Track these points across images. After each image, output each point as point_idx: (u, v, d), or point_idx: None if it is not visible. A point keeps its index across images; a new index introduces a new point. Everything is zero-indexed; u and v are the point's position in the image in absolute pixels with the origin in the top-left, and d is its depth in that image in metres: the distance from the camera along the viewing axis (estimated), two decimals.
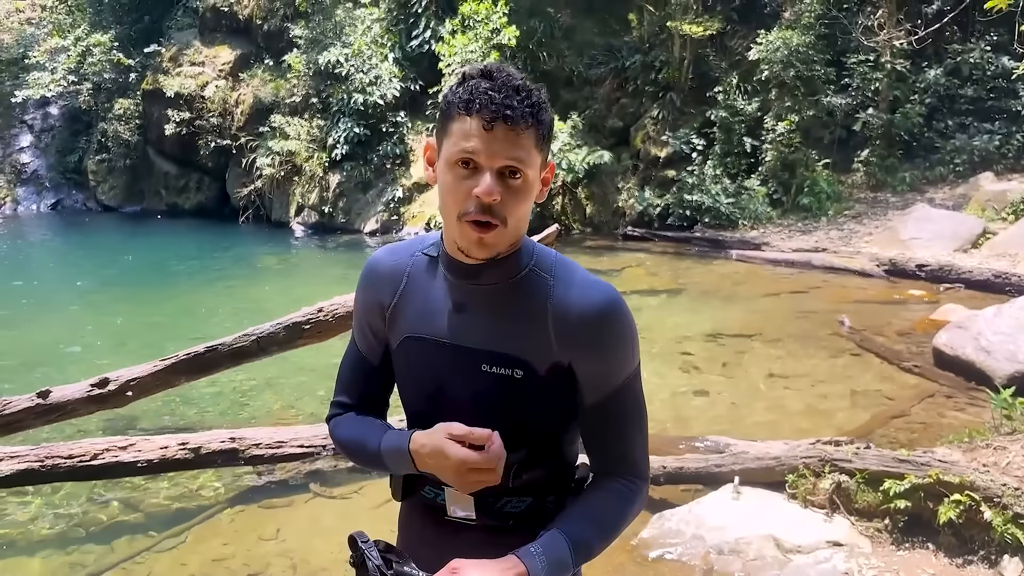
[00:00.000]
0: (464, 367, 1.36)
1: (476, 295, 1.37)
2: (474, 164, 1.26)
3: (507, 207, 1.27)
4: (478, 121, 1.24)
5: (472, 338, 1.36)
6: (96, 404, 4.81)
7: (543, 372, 1.34)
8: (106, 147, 19.47)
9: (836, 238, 12.19)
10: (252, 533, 4.26)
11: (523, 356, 1.33)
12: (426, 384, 1.41)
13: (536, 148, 1.28)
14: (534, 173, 1.30)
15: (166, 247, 14.92)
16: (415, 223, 15.92)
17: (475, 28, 15.11)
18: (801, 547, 3.67)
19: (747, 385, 6.48)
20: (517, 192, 1.27)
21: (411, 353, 1.43)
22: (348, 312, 5.11)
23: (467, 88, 1.27)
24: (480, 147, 1.24)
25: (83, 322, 9.36)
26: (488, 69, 1.29)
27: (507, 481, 1.35)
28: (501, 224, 1.28)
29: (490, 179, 1.24)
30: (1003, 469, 3.77)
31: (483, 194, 1.24)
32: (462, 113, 1.26)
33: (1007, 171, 12.92)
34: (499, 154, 1.24)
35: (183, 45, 18.95)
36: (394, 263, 1.48)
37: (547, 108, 1.30)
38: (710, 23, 14.68)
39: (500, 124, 1.23)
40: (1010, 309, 6.44)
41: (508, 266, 1.36)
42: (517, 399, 1.34)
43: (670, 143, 14.74)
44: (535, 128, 1.27)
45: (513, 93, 1.25)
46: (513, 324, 1.35)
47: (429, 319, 1.40)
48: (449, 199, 1.29)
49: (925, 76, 13.94)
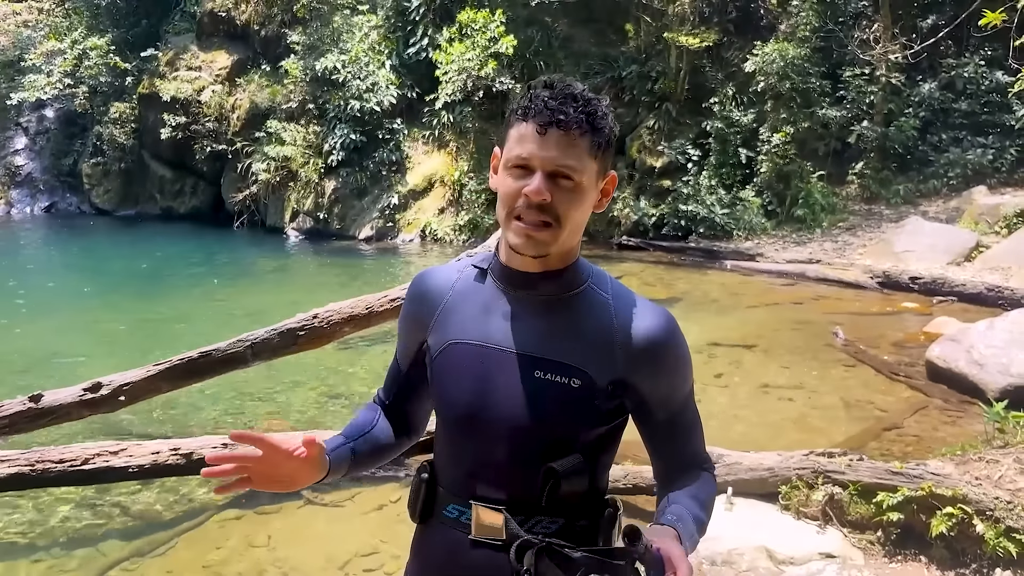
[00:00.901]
0: (515, 373, 1.36)
1: (530, 305, 1.39)
2: (528, 167, 1.29)
3: (560, 208, 1.30)
4: (533, 126, 1.28)
5: (525, 345, 1.37)
6: (89, 408, 4.78)
7: (603, 386, 1.35)
8: (101, 150, 19.44)
9: (830, 250, 12.23)
10: (243, 540, 4.23)
11: (584, 367, 1.34)
12: (470, 389, 1.39)
13: (590, 155, 1.31)
14: (588, 180, 1.32)
15: (160, 251, 14.89)
16: (410, 230, 15.92)
17: (472, 36, 15.16)
18: (794, 559, 3.66)
19: (741, 396, 6.48)
20: (569, 195, 1.30)
21: (455, 359, 1.42)
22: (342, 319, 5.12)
23: (528, 96, 1.32)
24: (534, 151, 1.28)
25: (76, 326, 9.32)
26: (551, 80, 1.33)
27: (542, 493, 1.33)
28: (554, 223, 1.30)
29: (540, 179, 1.28)
30: (995, 482, 3.77)
31: (532, 192, 1.27)
32: (520, 119, 1.31)
33: (1000, 185, 12.99)
34: (551, 158, 1.28)
35: (180, 49, 18.95)
36: (441, 276, 1.51)
37: (606, 118, 1.33)
38: (707, 35, 14.75)
39: (553, 129, 1.27)
40: (1003, 323, 6.47)
41: (565, 280, 1.39)
42: (570, 408, 1.34)
43: (666, 153, 14.79)
44: (590, 135, 1.30)
45: (570, 100, 1.29)
46: (573, 336, 1.36)
47: (477, 326, 1.41)
48: (502, 198, 1.33)
49: (920, 90, 14.03)
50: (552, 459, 1.32)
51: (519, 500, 1.36)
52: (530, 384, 1.35)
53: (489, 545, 1.38)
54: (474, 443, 1.40)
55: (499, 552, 1.36)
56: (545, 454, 1.33)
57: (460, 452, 1.43)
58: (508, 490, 1.38)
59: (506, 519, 1.36)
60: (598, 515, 1.42)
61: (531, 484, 1.34)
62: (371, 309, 5.18)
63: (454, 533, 1.42)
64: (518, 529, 1.35)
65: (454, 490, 1.43)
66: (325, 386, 6.63)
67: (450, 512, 1.43)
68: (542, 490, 1.32)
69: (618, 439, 1.46)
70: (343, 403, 6.19)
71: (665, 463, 1.50)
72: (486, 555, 1.38)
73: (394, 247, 15.54)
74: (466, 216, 15.27)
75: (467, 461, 1.41)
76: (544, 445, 1.34)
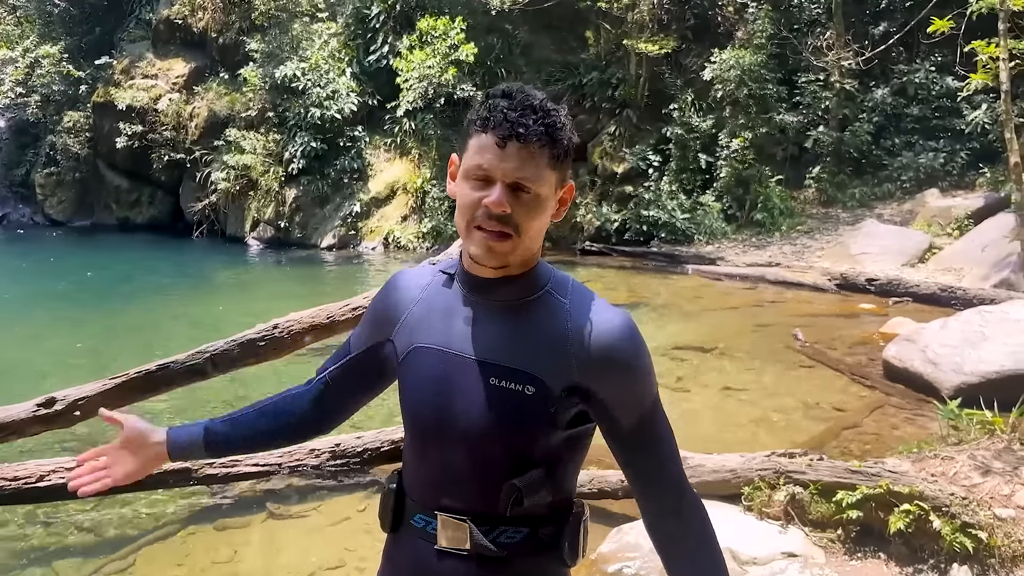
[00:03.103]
0: (472, 379, 1.35)
1: (490, 310, 1.39)
2: (488, 179, 1.30)
3: (519, 218, 1.30)
4: (492, 138, 1.29)
5: (482, 351, 1.36)
6: (42, 424, 4.66)
7: (558, 392, 1.33)
8: (55, 160, 19.06)
9: (789, 253, 12.42)
10: (206, 555, 4.16)
11: (537, 374, 1.33)
12: (431, 395, 1.39)
13: (549, 167, 1.32)
14: (547, 191, 1.32)
15: (117, 263, 14.60)
16: (373, 238, 15.84)
17: (433, 44, 15.16)
18: (757, 559, 3.70)
19: (703, 398, 6.54)
20: (528, 205, 1.31)
21: (418, 363, 1.42)
22: (303, 329, 5.06)
23: (486, 106, 1.31)
24: (493, 163, 1.29)
25: (29, 340, 9.09)
26: (509, 89, 1.33)
27: (506, 509, 1.33)
28: (514, 233, 1.31)
29: (500, 191, 1.28)
30: (951, 479, 3.86)
31: (492, 204, 1.28)
32: (479, 130, 1.31)
33: (952, 188, 13.30)
34: (511, 170, 1.28)
35: (135, 57, 18.66)
36: (414, 278, 1.52)
37: (565, 128, 1.33)
38: (665, 41, 14.92)
39: (513, 142, 1.28)
40: (955, 323, 6.62)
41: (523, 285, 1.38)
42: (525, 416, 1.33)
43: (627, 159, 14.92)
44: (549, 148, 1.31)
45: (529, 112, 1.29)
46: (528, 342, 1.35)
47: (440, 330, 1.41)
48: (463, 209, 1.33)
49: (873, 95, 14.33)
50: (513, 469, 1.32)
51: (482, 512, 1.36)
52: (486, 391, 1.34)
53: (455, 555, 1.38)
54: (436, 452, 1.39)
55: (464, 562, 1.37)
56: (505, 463, 1.33)
57: (424, 462, 1.43)
58: (471, 502, 1.37)
59: (470, 530, 1.36)
60: (563, 521, 1.41)
61: (494, 496, 1.34)
62: (332, 318, 5.13)
63: (421, 543, 1.41)
64: (482, 539, 1.35)
65: (420, 500, 1.42)
66: None
67: (417, 522, 1.43)
68: (505, 506, 1.33)
69: (584, 447, 1.45)
70: None
71: (641, 482, 1.42)
72: (452, 565, 1.38)
73: (357, 255, 15.43)
74: (429, 223, 15.24)
75: (431, 471, 1.41)
76: (503, 453, 1.33)
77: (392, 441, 4.75)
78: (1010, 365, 5.73)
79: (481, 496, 1.36)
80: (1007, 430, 4.30)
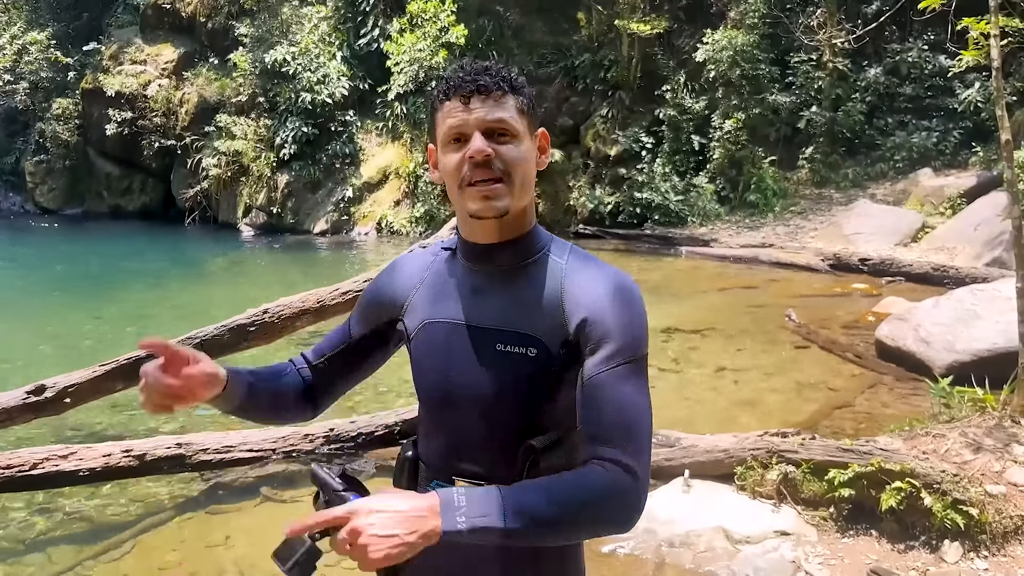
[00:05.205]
0: (479, 347, 1.38)
1: (491, 277, 1.41)
2: (463, 136, 1.32)
3: (505, 161, 1.32)
4: (456, 100, 1.33)
5: (486, 318, 1.39)
6: (32, 412, 4.65)
7: (556, 351, 1.34)
8: (44, 148, 18.93)
9: (782, 234, 12.43)
10: (200, 541, 4.16)
11: (536, 335, 1.34)
12: (443, 366, 1.42)
13: (519, 113, 1.35)
14: (522, 130, 1.35)
15: (109, 250, 14.54)
16: (366, 223, 15.79)
17: (423, 27, 15.06)
18: (750, 537, 3.72)
19: (697, 379, 6.56)
20: (509, 146, 1.33)
21: (429, 337, 1.45)
22: (294, 313, 5.05)
23: (444, 79, 1.37)
24: (464, 118, 1.32)
25: (20, 328, 9.06)
26: (462, 63, 1.39)
27: (522, 471, 1.33)
28: (505, 179, 1.32)
29: (478, 138, 1.31)
30: (942, 456, 3.87)
31: (475, 152, 1.30)
32: (443, 99, 1.35)
33: (944, 167, 13.31)
34: (482, 119, 1.31)
35: (124, 43, 18.50)
36: (417, 260, 1.54)
37: (523, 82, 1.38)
38: (657, 22, 14.84)
39: (476, 96, 1.32)
40: (948, 301, 6.63)
41: (522, 248, 1.40)
42: (532, 379, 1.34)
43: (620, 141, 14.87)
44: (512, 95, 1.34)
45: (483, 71, 1.34)
46: (526, 304, 1.37)
47: (447, 304, 1.44)
48: (449, 177, 1.35)
49: (865, 75, 14.30)
50: (527, 431, 1.33)
51: (499, 476, 1.34)
52: (493, 357, 1.37)
53: None
54: (451, 420, 1.42)
55: None
56: (519, 426, 1.34)
57: (439, 430, 1.45)
58: (487, 466, 1.38)
59: None
60: None
61: (510, 460, 1.35)
62: (323, 303, 5.11)
63: None
64: None
65: (436, 467, 1.44)
66: None
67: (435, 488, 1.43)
68: (522, 467, 1.33)
69: None
70: None
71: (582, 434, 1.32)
72: None
73: (350, 240, 15.39)
74: (422, 208, 15.19)
75: (448, 438, 1.43)
76: (515, 417, 1.34)
77: (386, 426, 4.75)
78: (1002, 343, 5.74)
79: (499, 458, 1.36)
80: (998, 407, 4.32)
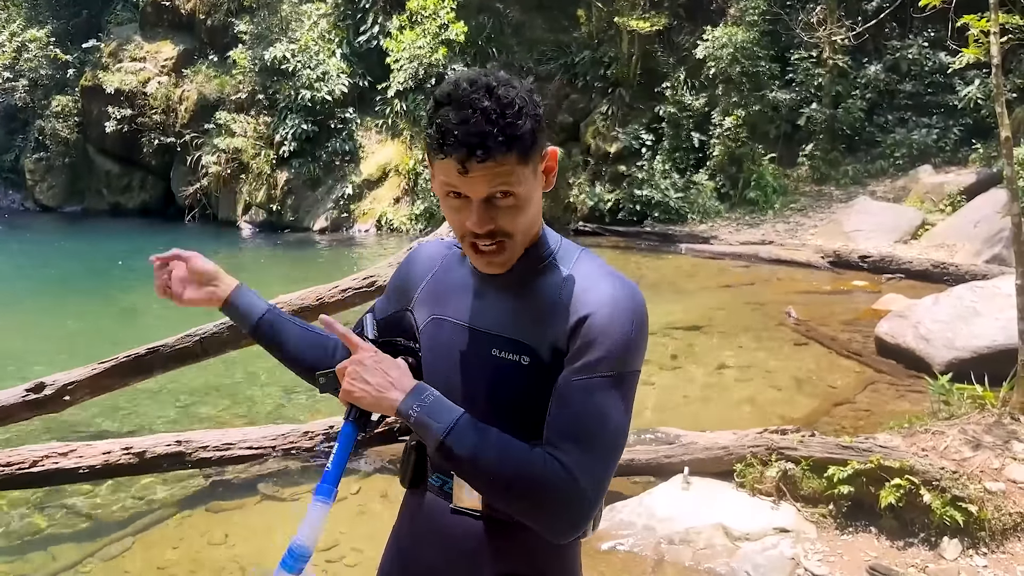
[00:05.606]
0: (477, 351, 1.39)
1: (496, 282, 1.41)
2: (462, 195, 1.28)
3: (505, 224, 1.29)
4: (452, 162, 1.23)
5: (486, 323, 1.40)
6: (32, 410, 4.65)
7: (548, 360, 1.33)
8: (44, 145, 18.92)
9: (782, 231, 12.42)
10: (200, 538, 4.16)
11: (529, 343, 1.34)
12: (444, 365, 1.44)
13: (519, 164, 1.25)
14: (526, 187, 1.27)
15: (109, 248, 14.52)
16: (366, 220, 15.79)
17: (423, 24, 15.05)
18: (749, 535, 3.72)
19: (697, 377, 6.56)
20: (512, 208, 1.28)
21: (434, 333, 1.47)
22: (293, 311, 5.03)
23: (437, 127, 1.23)
24: (461, 184, 1.25)
25: (19, 325, 9.06)
26: (455, 92, 1.24)
27: None
28: (507, 239, 1.31)
29: (477, 212, 1.26)
30: (941, 453, 3.88)
31: (474, 227, 1.27)
32: (437, 154, 1.25)
33: (945, 164, 13.28)
34: (480, 188, 1.25)
35: (123, 40, 18.48)
36: (432, 251, 1.57)
37: (524, 116, 1.24)
38: (657, 19, 14.81)
39: (473, 164, 1.21)
40: (947, 298, 6.63)
41: (527, 257, 1.39)
42: (524, 387, 1.35)
43: (620, 139, 14.85)
44: (515, 152, 1.23)
45: (480, 121, 1.20)
46: (525, 312, 1.37)
47: (453, 303, 1.45)
48: (451, 225, 1.35)
49: (865, 72, 14.27)
50: (520, 437, 1.31)
51: None
52: (489, 362, 1.37)
53: (467, 515, 1.42)
54: None
55: (477, 521, 1.41)
56: (511, 431, 1.32)
57: None
58: None
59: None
60: None
61: None
62: (321, 300, 5.10)
63: (437, 501, 1.46)
64: None
65: (436, 461, 1.44)
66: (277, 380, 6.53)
67: (435, 480, 1.47)
68: None
69: None
70: (303, 395, 6.11)
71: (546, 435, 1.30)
72: (463, 524, 1.42)
73: (350, 238, 15.38)
74: (422, 205, 15.18)
75: None
76: (511, 423, 1.33)
77: (386, 423, 4.75)
78: (1001, 340, 5.73)
79: None
80: (997, 404, 4.32)
